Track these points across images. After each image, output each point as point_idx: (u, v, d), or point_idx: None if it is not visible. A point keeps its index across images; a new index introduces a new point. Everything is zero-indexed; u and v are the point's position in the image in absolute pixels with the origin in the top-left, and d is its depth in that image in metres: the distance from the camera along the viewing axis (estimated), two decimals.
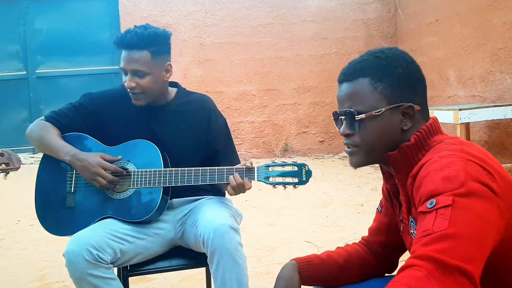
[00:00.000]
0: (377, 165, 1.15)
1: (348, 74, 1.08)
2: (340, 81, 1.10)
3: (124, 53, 1.75)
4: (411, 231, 1.04)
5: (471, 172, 0.88)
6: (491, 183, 0.88)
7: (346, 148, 1.11)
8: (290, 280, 1.21)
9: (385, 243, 1.28)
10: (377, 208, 1.31)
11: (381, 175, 1.20)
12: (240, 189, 1.69)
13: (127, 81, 1.74)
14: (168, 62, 1.82)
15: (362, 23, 6.58)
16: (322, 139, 6.62)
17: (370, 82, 1.05)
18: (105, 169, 1.71)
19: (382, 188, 1.26)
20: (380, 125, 1.05)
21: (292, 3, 6.48)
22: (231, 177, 1.68)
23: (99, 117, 1.84)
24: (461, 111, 3.86)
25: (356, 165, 1.11)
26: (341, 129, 1.09)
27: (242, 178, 1.68)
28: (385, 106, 1.04)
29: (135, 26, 1.78)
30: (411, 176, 0.98)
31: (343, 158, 6.23)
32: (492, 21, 4.47)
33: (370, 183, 4.72)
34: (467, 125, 4.48)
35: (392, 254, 1.30)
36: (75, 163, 1.74)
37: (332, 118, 1.14)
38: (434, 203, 0.85)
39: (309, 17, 6.50)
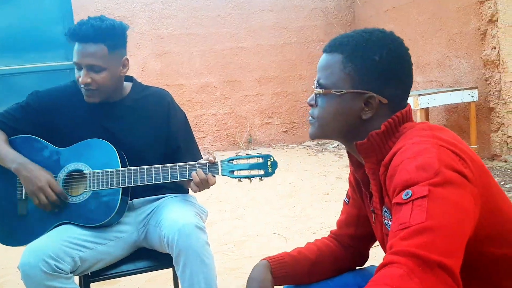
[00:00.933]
0: (342, 153, 1.13)
1: (329, 46, 1.06)
2: (323, 50, 1.08)
3: (78, 47, 1.63)
4: (385, 221, 1.01)
5: (444, 159, 0.85)
6: (464, 169, 0.86)
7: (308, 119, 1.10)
8: (262, 281, 1.16)
9: (354, 235, 1.25)
10: (344, 200, 1.28)
11: (345, 163, 1.17)
12: (204, 185, 1.62)
13: (82, 76, 1.63)
14: (125, 57, 1.73)
15: (320, 11, 6.58)
16: (285, 129, 6.62)
17: (343, 60, 1.02)
18: (51, 189, 1.60)
19: (349, 178, 1.23)
20: (338, 106, 1.02)
21: None
22: (193, 173, 1.61)
23: (49, 117, 1.72)
24: (420, 97, 3.92)
25: (311, 135, 1.10)
26: (308, 98, 1.08)
27: (206, 174, 1.62)
28: (347, 89, 1.00)
29: (89, 17, 1.67)
30: (383, 165, 0.95)
31: (307, 148, 6.25)
32: (448, 6, 4.55)
33: (334, 171, 4.74)
34: (426, 110, 4.57)
35: (363, 246, 1.28)
36: (21, 172, 1.61)
37: None
38: (410, 194, 0.82)
39: (268, 6, 6.45)
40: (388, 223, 1.00)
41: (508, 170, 3.88)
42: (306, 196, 3.97)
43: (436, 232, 0.76)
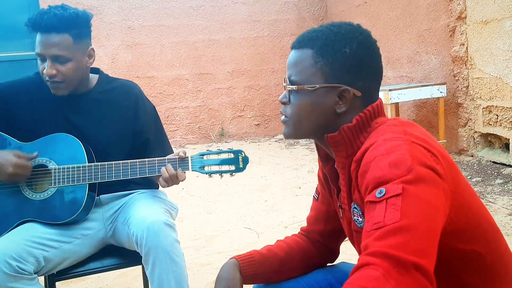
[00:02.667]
0: (313, 146, 1.12)
1: (298, 41, 1.04)
2: (291, 47, 1.06)
3: (41, 37, 1.56)
4: (354, 217, 1.00)
5: (417, 156, 0.85)
6: (436, 165, 0.86)
7: (281, 118, 1.08)
8: (231, 280, 1.14)
9: (324, 232, 1.25)
10: (314, 196, 1.27)
11: (316, 156, 1.16)
12: (173, 180, 1.58)
13: (47, 68, 1.57)
14: (91, 47, 1.68)
15: (293, 5, 6.58)
16: (258, 123, 6.61)
17: (313, 55, 1.00)
18: (22, 160, 1.53)
19: (318, 174, 1.22)
20: (311, 101, 1.01)
21: None
22: (163, 168, 1.57)
23: (10, 111, 1.65)
24: (391, 92, 3.96)
25: (285, 136, 1.08)
26: (280, 96, 1.06)
27: (175, 169, 1.58)
28: (320, 84, 0.99)
29: (50, 6, 1.60)
30: (355, 161, 0.94)
31: (279, 141, 6.26)
32: (418, 3, 4.61)
33: (306, 165, 4.76)
34: (396, 105, 4.63)
35: (333, 243, 1.27)
36: None
37: None
38: (384, 192, 0.81)
39: None
40: (358, 219, 0.99)
41: (475, 165, 3.97)
42: (278, 190, 3.97)
43: (411, 232, 0.76)
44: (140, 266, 1.96)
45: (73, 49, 1.59)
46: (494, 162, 3.90)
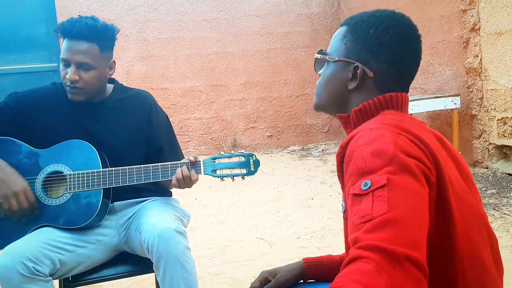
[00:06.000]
0: (326, 158, 1.14)
1: (346, 19, 1.11)
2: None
3: (69, 43, 1.63)
4: (342, 203, 1.03)
5: (400, 145, 0.84)
6: (421, 155, 0.85)
7: None
8: (283, 269, 1.27)
9: None
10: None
11: (330, 168, 1.18)
12: (186, 182, 1.60)
13: (70, 73, 1.62)
14: (113, 59, 1.75)
15: (306, 17, 6.62)
16: (270, 134, 6.62)
17: (344, 32, 1.07)
18: (26, 197, 1.55)
19: None
20: (330, 72, 1.07)
21: None
22: (178, 169, 1.60)
23: (27, 118, 1.69)
24: None
25: (314, 107, 1.14)
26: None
27: (189, 171, 1.60)
28: (340, 57, 1.06)
29: (80, 16, 1.68)
30: (341, 146, 0.94)
31: (292, 153, 6.26)
32: (431, 14, 4.61)
33: (319, 176, 4.75)
34: None
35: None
36: None
37: None
38: (369, 185, 0.80)
39: (254, 12, 6.47)
40: (343, 204, 1.02)
41: (490, 177, 3.93)
42: (290, 201, 3.97)
43: (400, 223, 0.75)
44: (153, 274, 1.97)
45: (98, 58, 1.65)
46: (509, 174, 3.85)
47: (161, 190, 1.82)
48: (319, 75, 1.12)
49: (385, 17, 1.04)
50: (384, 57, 1.01)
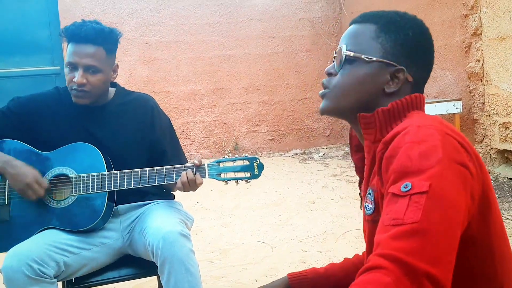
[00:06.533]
0: (328, 162, 1.11)
1: (361, 17, 1.03)
2: (352, 22, 1.05)
3: (76, 47, 1.64)
4: (366, 203, 0.96)
5: (449, 149, 0.81)
6: (468, 162, 0.82)
7: (320, 91, 1.05)
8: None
9: None
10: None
11: (331, 171, 1.16)
12: (191, 185, 1.61)
13: (78, 77, 1.63)
14: (116, 63, 1.77)
15: (308, 21, 6.64)
16: (272, 138, 6.63)
17: (376, 30, 0.99)
18: (39, 185, 1.59)
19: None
20: (363, 73, 0.98)
21: (239, 1, 6.43)
22: (183, 172, 1.61)
23: (31, 122, 1.71)
24: None
25: (322, 110, 1.03)
26: (327, 67, 1.04)
27: (194, 174, 1.61)
28: (377, 57, 0.98)
29: (84, 20, 1.70)
30: (383, 142, 0.89)
31: (293, 156, 6.27)
32: (433, 19, 4.63)
33: (320, 180, 4.76)
34: None
35: None
36: (6, 170, 1.58)
37: None
38: (410, 187, 0.76)
39: (256, 15, 6.49)
40: (368, 205, 0.95)
41: (492, 181, 3.93)
42: (292, 204, 3.97)
43: (428, 236, 0.72)
44: (156, 277, 1.98)
45: (105, 62, 1.67)
46: (511, 179, 3.86)
47: (164, 193, 1.83)
48: (331, 75, 1.03)
49: (414, 19, 1.01)
50: (422, 61, 1.00)
